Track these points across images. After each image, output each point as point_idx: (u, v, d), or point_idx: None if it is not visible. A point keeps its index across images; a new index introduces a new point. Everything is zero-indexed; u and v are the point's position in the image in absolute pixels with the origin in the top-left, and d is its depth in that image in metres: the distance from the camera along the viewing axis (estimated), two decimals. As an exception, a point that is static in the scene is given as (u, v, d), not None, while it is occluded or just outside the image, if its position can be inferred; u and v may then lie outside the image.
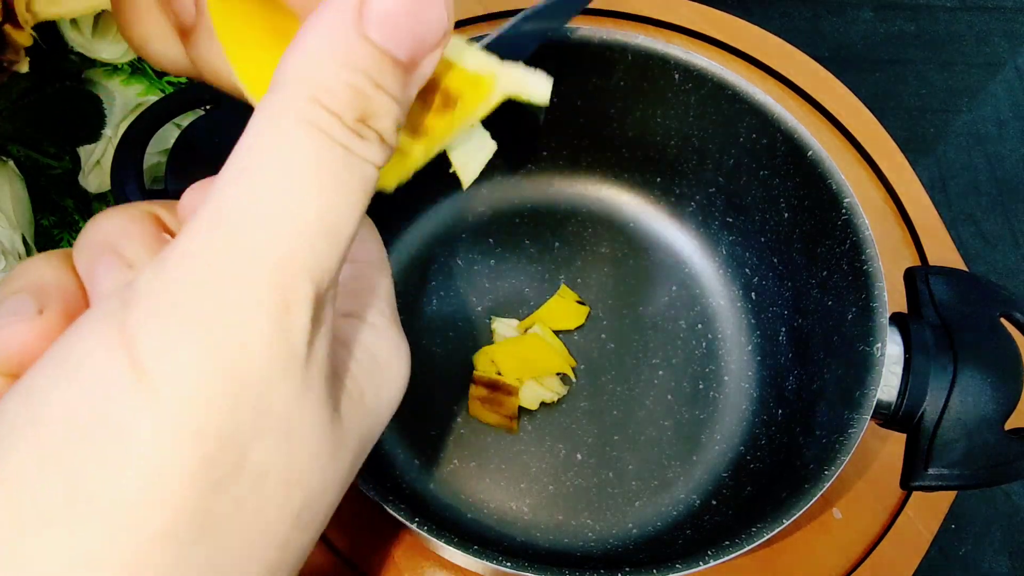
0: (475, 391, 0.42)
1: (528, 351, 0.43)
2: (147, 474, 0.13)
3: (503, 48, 0.21)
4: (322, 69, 0.14)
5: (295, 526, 0.15)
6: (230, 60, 0.17)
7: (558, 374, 0.43)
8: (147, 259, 0.17)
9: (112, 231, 0.17)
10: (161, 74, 0.46)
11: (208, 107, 0.41)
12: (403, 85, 0.15)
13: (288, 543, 0.15)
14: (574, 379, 0.43)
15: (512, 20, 0.22)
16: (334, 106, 0.14)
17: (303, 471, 0.15)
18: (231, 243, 0.13)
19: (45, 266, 0.17)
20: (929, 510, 0.41)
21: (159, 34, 0.20)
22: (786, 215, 0.40)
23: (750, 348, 0.44)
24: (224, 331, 0.13)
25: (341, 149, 0.14)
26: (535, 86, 0.18)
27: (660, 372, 0.44)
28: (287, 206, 0.13)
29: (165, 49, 0.20)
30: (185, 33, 0.19)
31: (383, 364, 0.18)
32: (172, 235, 0.18)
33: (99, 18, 0.42)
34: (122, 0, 0.19)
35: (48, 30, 0.41)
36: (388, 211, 0.44)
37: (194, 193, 0.18)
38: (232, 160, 0.14)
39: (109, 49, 0.43)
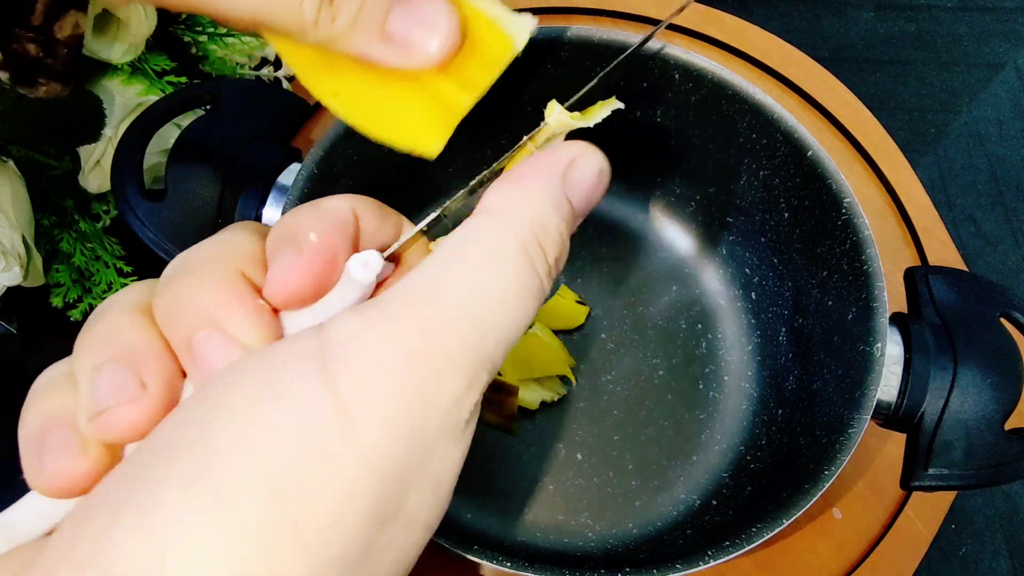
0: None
1: (528, 351, 0.43)
2: (339, 502, 0.14)
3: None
4: (543, 211, 0.18)
5: (415, 560, 0.17)
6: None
7: (560, 376, 0.43)
8: (255, 336, 0.17)
9: (207, 301, 0.17)
10: (161, 74, 0.46)
11: (208, 107, 0.41)
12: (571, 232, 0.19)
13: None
14: (574, 380, 0.43)
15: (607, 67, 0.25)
16: (547, 245, 0.18)
17: (436, 516, 0.17)
18: (443, 323, 0.16)
19: (133, 328, 0.17)
20: (929, 510, 0.41)
21: None
22: (786, 215, 0.40)
23: (750, 348, 0.44)
24: (418, 390, 0.15)
25: (539, 282, 0.17)
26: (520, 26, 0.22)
27: (660, 372, 0.44)
28: (495, 311, 0.16)
29: None
30: None
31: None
32: (260, 293, 0.18)
33: (99, 18, 0.42)
34: None
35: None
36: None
37: (287, 275, 0.17)
38: (454, 247, 0.17)
39: (109, 49, 0.43)
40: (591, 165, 0.19)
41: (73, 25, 0.24)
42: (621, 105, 0.23)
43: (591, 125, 0.23)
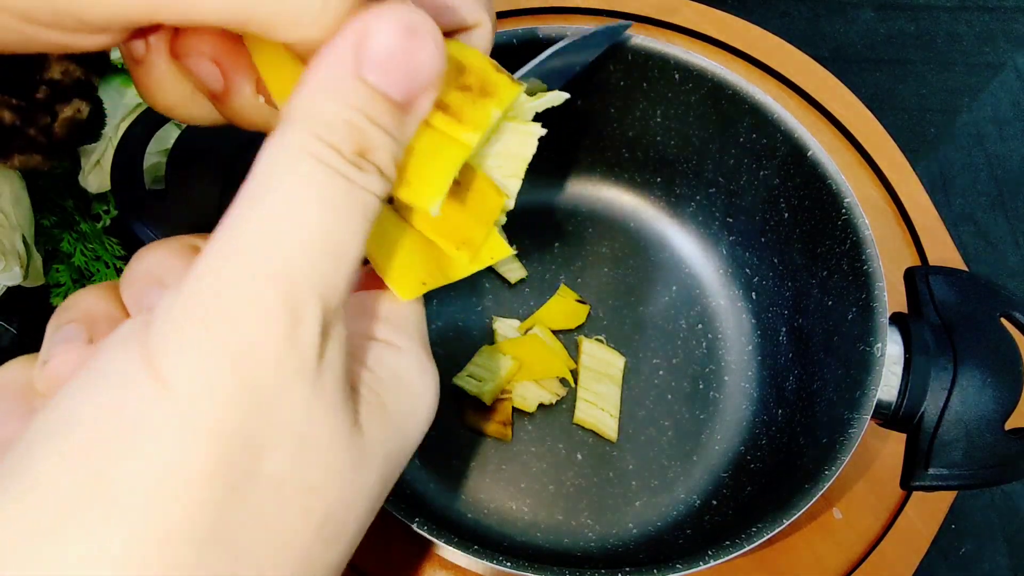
0: (468, 402, 0.42)
1: (528, 353, 0.43)
2: (166, 472, 0.13)
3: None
4: (323, 108, 0.15)
5: (317, 539, 0.15)
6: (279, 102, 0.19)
7: (559, 379, 0.43)
8: None
9: (156, 264, 0.18)
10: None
11: (208, 107, 0.41)
12: (399, 123, 0.16)
13: (311, 556, 0.15)
14: (572, 383, 0.43)
15: (539, 57, 0.23)
16: (334, 141, 0.15)
17: (322, 481, 0.15)
18: (242, 263, 0.14)
19: (95, 297, 0.18)
20: (929, 510, 0.41)
21: (183, 101, 0.20)
22: (786, 215, 0.40)
23: (750, 348, 0.44)
24: (237, 341, 0.14)
25: (342, 179, 0.15)
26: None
27: (660, 372, 0.44)
28: (293, 229, 0.15)
29: (192, 111, 0.21)
30: (216, 97, 0.19)
31: (407, 383, 0.18)
32: None
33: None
34: (140, 74, 0.20)
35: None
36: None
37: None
38: (243, 189, 0.15)
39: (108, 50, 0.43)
40: (388, 31, 0.15)
41: (75, 111, 0.24)
42: (566, 96, 0.21)
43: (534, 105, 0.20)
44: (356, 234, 0.15)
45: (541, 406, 0.42)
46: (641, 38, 0.39)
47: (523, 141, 0.20)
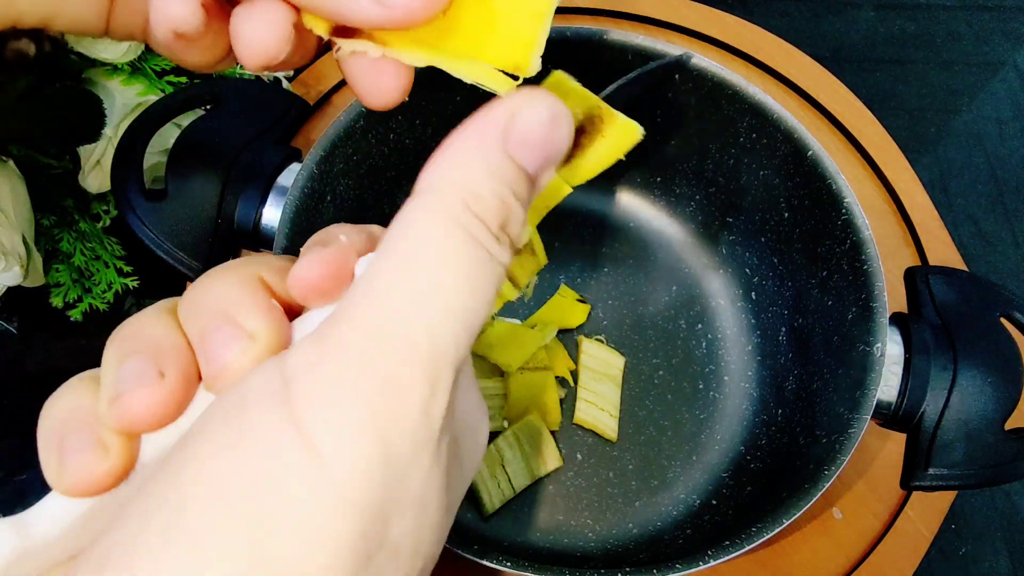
0: None
1: (528, 353, 0.43)
2: (318, 545, 0.13)
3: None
4: (474, 178, 0.16)
5: None
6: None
7: (557, 377, 0.43)
8: (267, 331, 0.17)
9: (225, 298, 0.18)
10: (161, 74, 0.46)
11: (208, 107, 0.41)
12: (530, 195, 0.17)
13: None
14: (573, 383, 0.43)
15: (608, 89, 0.23)
16: (483, 214, 0.16)
17: (427, 543, 0.16)
18: (393, 332, 0.15)
19: (157, 325, 0.18)
20: (929, 510, 0.41)
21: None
22: (786, 215, 0.40)
23: (750, 348, 0.44)
24: (384, 412, 0.14)
25: (486, 253, 0.16)
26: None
27: (660, 372, 0.44)
28: (441, 301, 0.15)
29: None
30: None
31: (471, 424, 0.19)
32: (279, 300, 0.18)
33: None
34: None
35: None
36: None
37: (312, 265, 0.18)
38: (389, 247, 0.16)
39: (109, 49, 0.43)
40: (536, 114, 0.17)
41: (24, 45, 0.24)
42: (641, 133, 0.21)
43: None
44: (488, 306, 0.16)
45: (541, 406, 0.42)
46: (641, 38, 0.39)
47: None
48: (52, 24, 0.19)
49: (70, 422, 0.17)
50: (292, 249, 0.34)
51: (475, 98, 0.26)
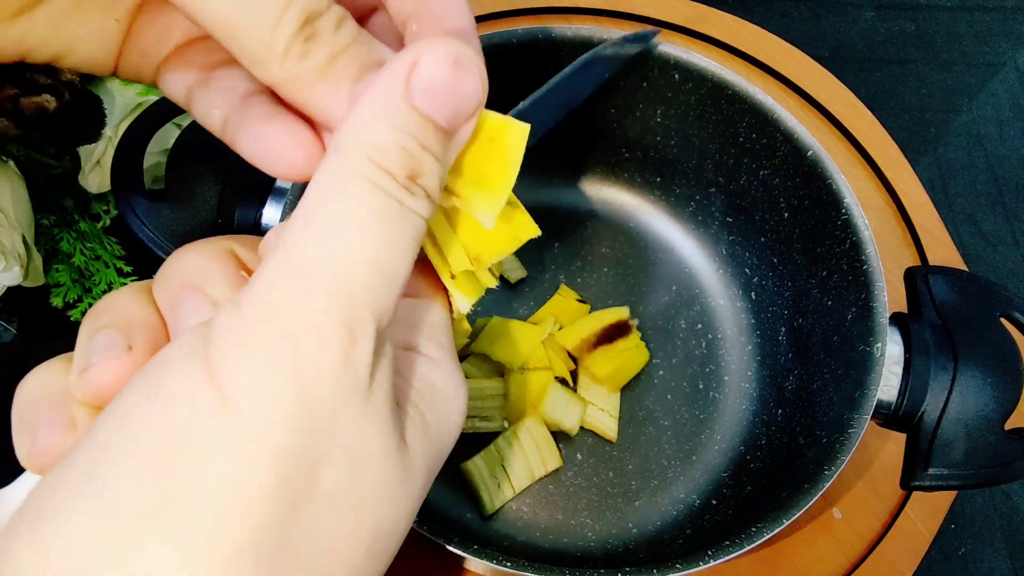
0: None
1: (527, 353, 0.43)
2: (232, 489, 0.14)
3: (527, 118, 0.22)
4: (377, 132, 0.16)
5: (368, 555, 0.16)
6: None
7: (557, 378, 0.43)
8: (230, 297, 0.17)
9: (194, 269, 0.18)
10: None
11: (208, 107, 0.41)
12: (444, 148, 0.17)
13: (361, 571, 0.16)
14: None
15: (537, 92, 0.23)
16: (388, 165, 0.16)
17: (373, 498, 0.16)
18: (302, 283, 0.15)
19: (130, 301, 0.18)
20: (929, 510, 0.41)
21: None
22: (786, 215, 0.40)
23: (750, 348, 0.44)
24: (298, 360, 0.14)
25: (395, 202, 0.16)
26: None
27: (660, 372, 0.44)
28: (351, 251, 0.15)
29: None
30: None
31: (443, 395, 0.19)
32: (249, 272, 0.19)
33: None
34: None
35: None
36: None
37: (274, 235, 0.18)
38: (299, 210, 0.16)
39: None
40: (437, 61, 0.16)
41: (44, 101, 0.24)
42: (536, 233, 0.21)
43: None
44: (406, 255, 0.16)
45: (541, 406, 0.42)
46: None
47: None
48: (62, 61, 0.19)
49: (41, 400, 0.17)
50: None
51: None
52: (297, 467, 0.14)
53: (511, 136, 0.18)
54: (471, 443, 0.41)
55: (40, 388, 0.17)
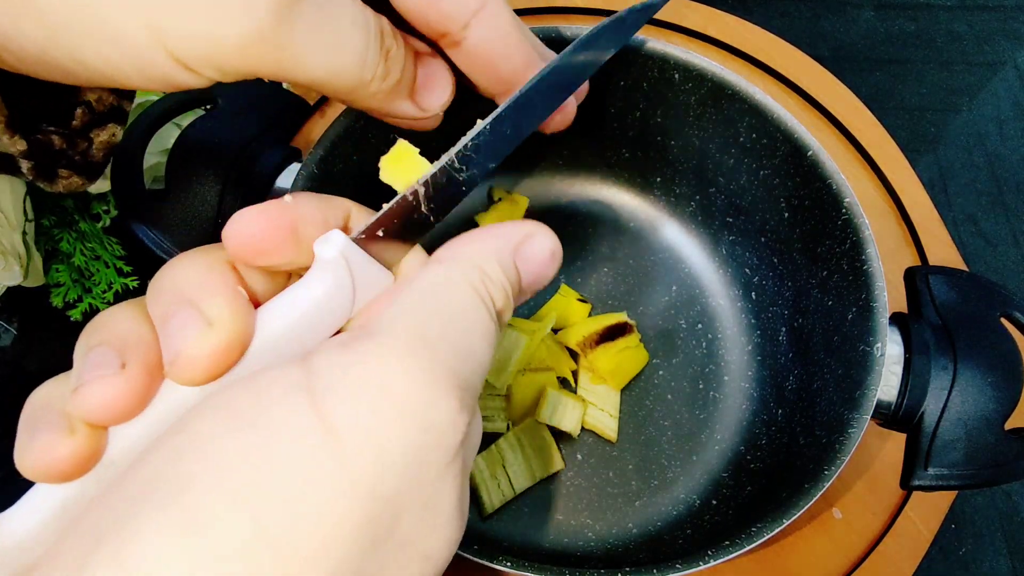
0: None
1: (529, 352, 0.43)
2: (328, 524, 0.14)
3: (554, 79, 0.25)
4: (491, 267, 0.19)
5: None
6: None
7: (558, 378, 0.43)
8: (228, 317, 0.17)
9: (188, 281, 0.18)
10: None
11: (208, 107, 0.41)
12: (516, 302, 0.21)
13: None
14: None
15: (539, 73, 0.25)
16: (491, 289, 0.19)
17: (437, 547, 0.17)
18: (430, 351, 0.16)
19: (125, 316, 0.18)
20: (929, 510, 0.41)
21: None
22: (786, 215, 0.40)
23: (750, 348, 0.44)
24: (415, 416, 0.15)
25: (492, 321, 0.19)
26: None
27: (660, 372, 0.44)
28: (467, 340, 0.18)
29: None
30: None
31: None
32: (246, 287, 0.19)
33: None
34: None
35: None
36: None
37: (251, 219, 0.19)
38: (411, 286, 0.18)
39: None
40: (545, 244, 0.21)
41: (110, 135, 0.24)
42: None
43: None
44: (491, 351, 0.19)
45: (541, 406, 0.42)
46: (641, 38, 0.39)
47: None
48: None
49: (44, 406, 0.17)
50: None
51: (481, 105, 0.26)
52: (386, 510, 0.15)
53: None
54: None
55: (44, 396, 0.17)
